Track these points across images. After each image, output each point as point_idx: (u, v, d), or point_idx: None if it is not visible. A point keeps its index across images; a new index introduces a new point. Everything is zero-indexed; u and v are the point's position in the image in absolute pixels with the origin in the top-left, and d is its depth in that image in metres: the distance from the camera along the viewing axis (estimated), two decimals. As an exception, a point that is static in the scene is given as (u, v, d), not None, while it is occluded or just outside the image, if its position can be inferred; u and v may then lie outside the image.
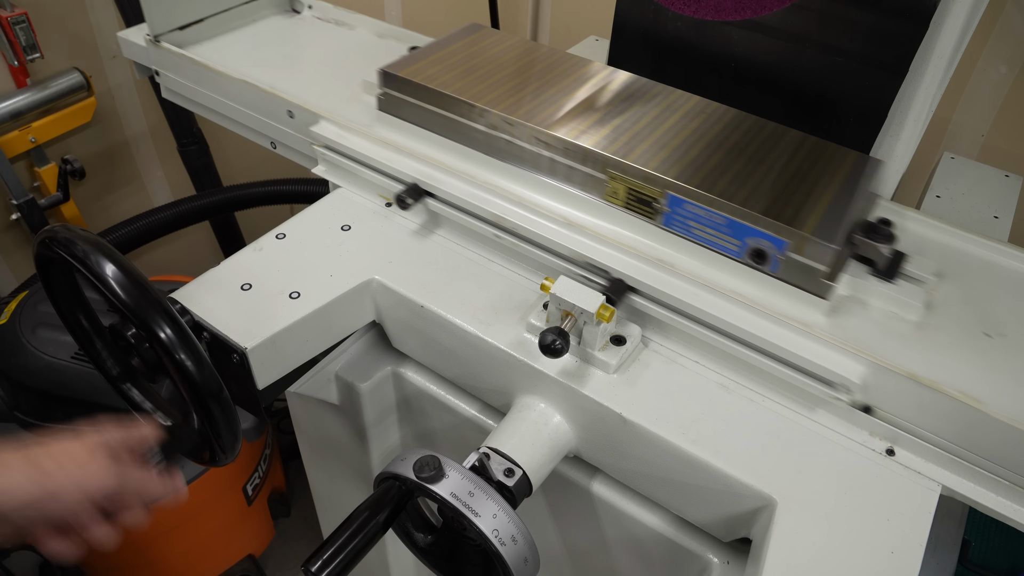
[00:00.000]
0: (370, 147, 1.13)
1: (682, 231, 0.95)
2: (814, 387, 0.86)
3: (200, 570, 2.03)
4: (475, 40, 1.20)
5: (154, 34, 1.39)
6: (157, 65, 1.44)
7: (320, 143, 1.18)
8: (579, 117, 1.03)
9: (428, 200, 1.08)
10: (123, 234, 2.12)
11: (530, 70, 1.13)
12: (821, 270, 0.87)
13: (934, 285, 0.96)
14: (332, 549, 0.75)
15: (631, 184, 0.95)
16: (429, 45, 1.20)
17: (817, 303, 0.89)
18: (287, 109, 1.24)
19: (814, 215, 0.89)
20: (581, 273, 0.98)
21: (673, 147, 0.98)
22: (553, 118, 1.02)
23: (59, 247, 0.81)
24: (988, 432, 0.79)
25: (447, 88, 1.07)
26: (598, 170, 0.98)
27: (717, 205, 0.90)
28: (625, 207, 0.98)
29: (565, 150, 0.99)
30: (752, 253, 0.91)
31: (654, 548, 0.99)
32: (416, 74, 1.10)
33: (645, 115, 1.05)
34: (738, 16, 1.00)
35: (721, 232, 0.92)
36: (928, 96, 1.04)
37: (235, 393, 0.94)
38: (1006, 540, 1.34)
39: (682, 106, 1.07)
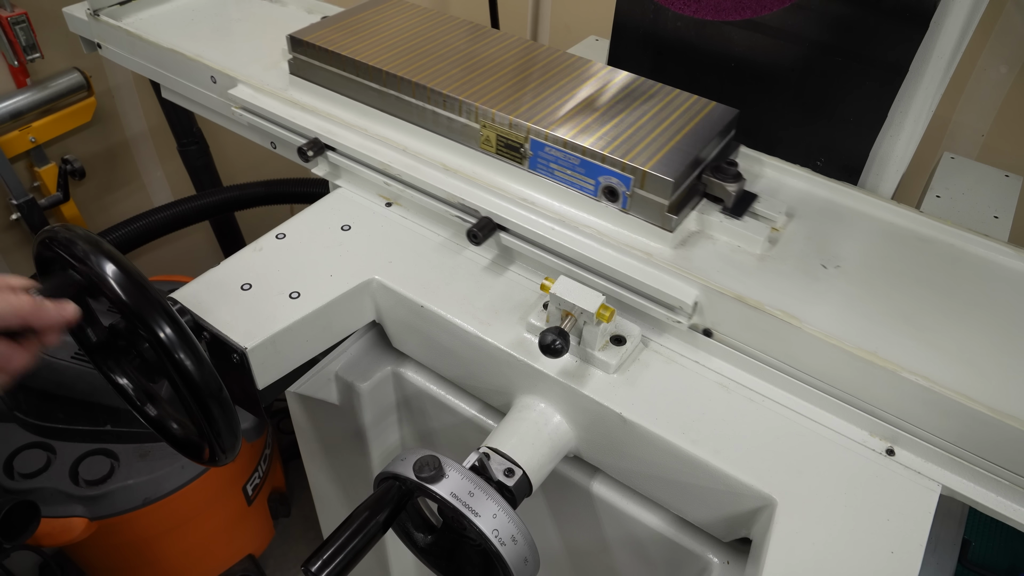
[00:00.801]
0: (279, 107, 1.23)
1: (545, 174, 1.03)
2: (656, 311, 0.94)
3: (200, 570, 2.03)
4: (380, 10, 1.30)
5: (94, 8, 1.49)
6: (99, 38, 1.54)
7: (238, 105, 1.28)
8: (459, 73, 1.12)
9: (329, 154, 1.18)
10: (123, 234, 2.12)
11: (423, 34, 1.23)
12: (663, 203, 0.94)
13: (782, 224, 1.03)
14: (332, 549, 0.75)
15: (500, 131, 1.04)
16: (337, 14, 1.31)
17: (664, 236, 0.96)
18: (210, 75, 1.34)
19: (659, 155, 0.96)
20: (457, 215, 1.07)
21: (542, 98, 1.07)
22: (437, 76, 1.11)
23: (59, 247, 0.81)
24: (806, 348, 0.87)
25: (346, 51, 1.16)
26: (472, 120, 1.06)
27: (571, 147, 0.98)
28: (496, 153, 1.07)
29: (444, 103, 1.08)
30: (605, 191, 0.99)
31: (654, 548, 0.99)
32: (320, 39, 1.20)
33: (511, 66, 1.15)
34: (738, 16, 1.00)
35: (577, 172, 1.00)
36: (928, 96, 1.04)
37: (235, 393, 0.94)
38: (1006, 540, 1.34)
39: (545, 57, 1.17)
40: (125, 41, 1.48)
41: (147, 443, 1.79)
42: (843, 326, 0.88)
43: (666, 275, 0.93)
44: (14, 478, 1.70)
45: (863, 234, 1.03)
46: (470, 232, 1.01)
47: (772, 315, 0.87)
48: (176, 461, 1.77)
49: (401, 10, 1.31)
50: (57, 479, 1.70)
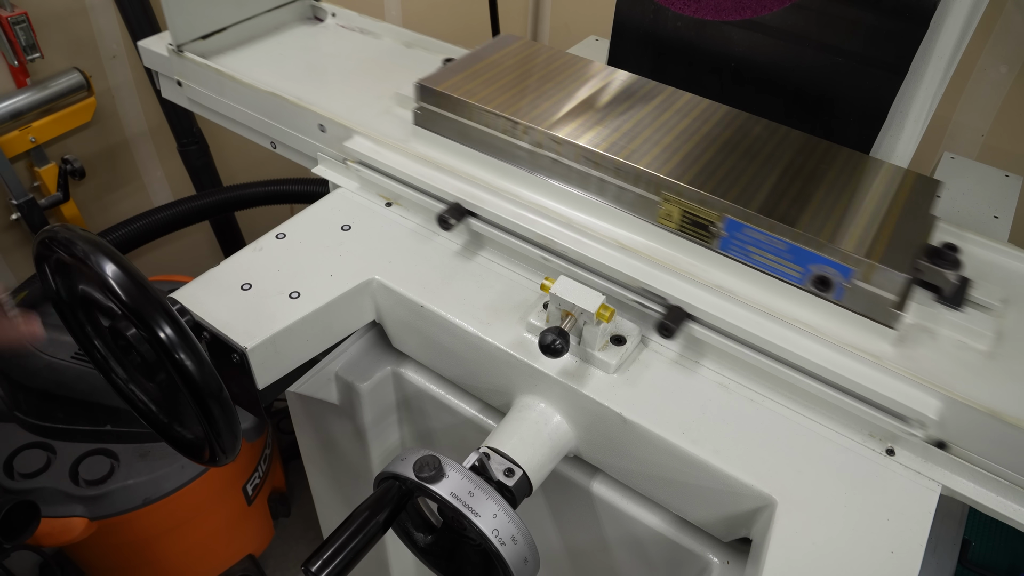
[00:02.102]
0: (408, 163, 1.10)
1: (740, 256, 0.91)
2: (886, 421, 0.83)
3: (200, 570, 2.03)
4: (512, 52, 1.17)
5: (177, 44, 1.35)
6: (179, 75, 1.41)
7: (354, 158, 1.15)
8: (628, 135, 0.99)
9: (471, 220, 1.04)
10: (123, 234, 2.12)
11: (572, 83, 1.10)
12: (889, 299, 0.84)
13: (1001, 312, 0.92)
14: (332, 549, 0.75)
15: (687, 207, 0.91)
16: (465, 57, 1.17)
17: (884, 332, 0.86)
18: (318, 123, 1.21)
19: (880, 241, 0.86)
20: (635, 299, 0.94)
21: (728, 167, 0.95)
22: (601, 135, 0.98)
23: (59, 247, 0.81)
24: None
25: (488, 103, 1.04)
26: (651, 191, 0.94)
27: (779, 230, 0.87)
28: (679, 230, 0.94)
29: (616, 170, 0.95)
30: (815, 280, 0.87)
31: (654, 548, 0.99)
32: (455, 88, 1.07)
33: (695, 132, 1.01)
34: (738, 16, 1.00)
35: (782, 258, 0.88)
36: (928, 96, 1.04)
37: (235, 393, 0.94)
38: (1006, 540, 1.34)
39: (732, 122, 1.04)
40: (213, 81, 1.34)
41: (147, 443, 1.78)
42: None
43: (897, 381, 0.83)
44: (14, 478, 1.70)
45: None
46: (662, 325, 0.89)
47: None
48: (176, 461, 1.77)
49: (534, 53, 1.17)
50: (57, 479, 1.70)
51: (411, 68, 1.26)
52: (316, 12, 1.57)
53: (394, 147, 1.12)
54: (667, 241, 0.97)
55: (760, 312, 0.89)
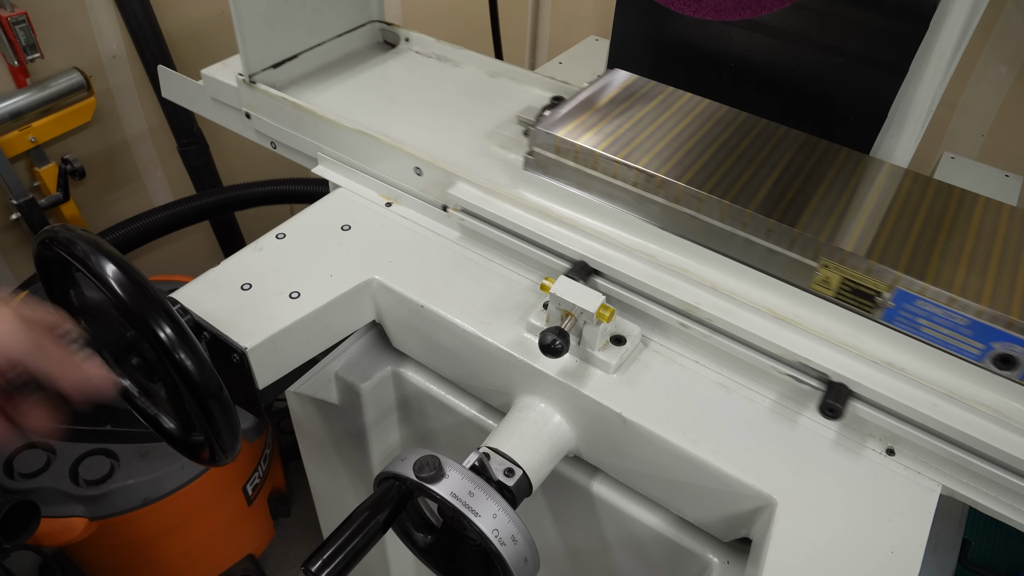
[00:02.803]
0: (522, 215, 1.00)
1: (908, 329, 0.83)
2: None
3: (200, 570, 2.03)
4: (628, 90, 1.06)
5: (249, 74, 1.25)
6: (249, 108, 1.30)
7: (457, 206, 1.06)
8: (775, 190, 0.90)
9: (597, 280, 0.96)
10: (123, 234, 2.12)
11: (705, 129, 1.00)
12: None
13: None
14: (332, 549, 0.75)
15: (849, 275, 0.83)
16: (578, 99, 1.05)
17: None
18: (414, 166, 1.10)
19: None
20: (789, 373, 0.86)
21: (890, 227, 0.86)
22: (746, 191, 0.89)
23: (59, 247, 0.81)
24: None
25: (616, 152, 0.93)
26: (808, 256, 0.85)
27: (959, 305, 0.79)
28: (835, 298, 0.86)
29: (767, 231, 0.86)
30: (997, 358, 0.80)
31: (654, 548, 0.99)
32: (575, 134, 0.97)
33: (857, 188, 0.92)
34: (738, 16, 1.00)
35: (960, 333, 0.80)
36: (928, 96, 1.04)
37: (235, 393, 0.94)
38: (1006, 540, 1.34)
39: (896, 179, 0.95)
40: (290, 115, 1.23)
41: (147, 443, 1.78)
42: None
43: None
44: (14, 478, 1.70)
45: None
46: (826, 405, 0.81)
47: None
48: (176, 461, 1.77)
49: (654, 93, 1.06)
50: (57, 479, 1.70)
51: (501, 102, 1.18)
52: (387, 36, 1.47)
53: (505, 196, 1.02)
54: (822, 310, 0.88)
55: (936, 392, 0.81)
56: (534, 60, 2.55)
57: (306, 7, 1.29)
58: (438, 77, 1.34)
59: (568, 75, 1.52)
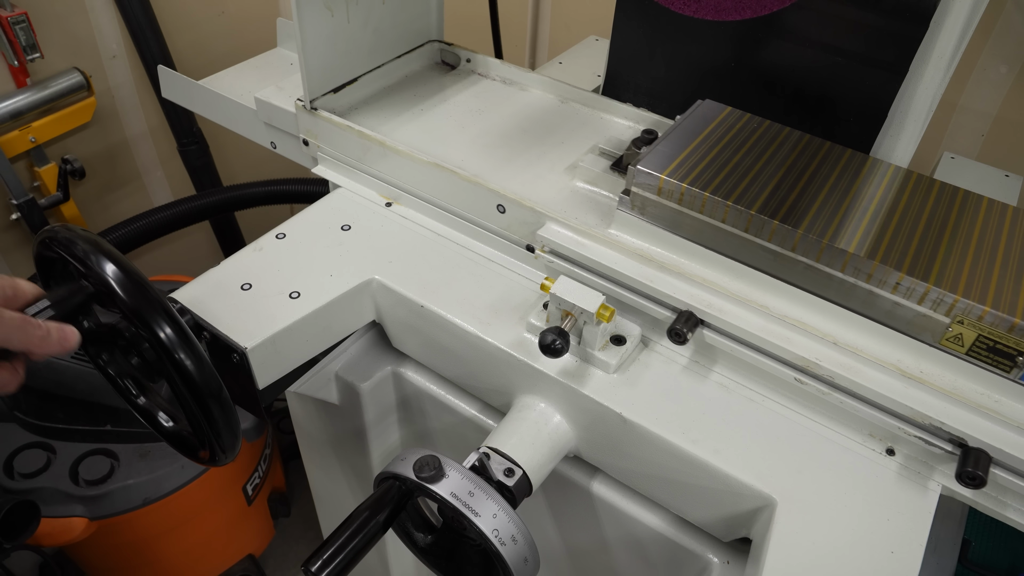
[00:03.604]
0: (623, 260, 0.95)
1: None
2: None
3: (200, 570, 2.03)
4: (725, 125, 1.00)
5: (310, 99, 1.18)
6: (309, 135, 1.22)
7: (547, 248, 1.00)
8: (903, 237, 0.84)
9: (704, 332, 0.91)
10: (123, 234, 2.12)
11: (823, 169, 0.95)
12: None
13: None
14: (332, 549, 0.75)
15: (986, 332, 0.77)
16: (673, 135, 0.99)
17: None
18: (497, 203, 1.03)
19: None
20: (922, 436, 0.81)
21: None
22: (868, 237, 0.84)
23: (59, 247, 0.81)
24: None
25: (727, 196, 0.88)
26: (940, 312, 0.79)
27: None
28: (967, 355, 0.80)
29: (896, 284, 0.80)
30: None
31: (654, 548, 0.99)
32: (680, 174, 0.91)
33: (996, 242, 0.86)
34: (738, 16, 1.00)
35: None
36: (928, 96, 1.04)
37: (235, 393, 0.94)
38: (1006, 540, 1.34)
39: None
40: (354, 145, 1.15)
41: (147, 443, 1.78)
42: None
43: None
44: (14, 478, 1.70)
45: None
46: (965, 474, 0.75)
47: None
48: (176, 461, 1.77)
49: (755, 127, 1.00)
50: (57, 479, 1.70)
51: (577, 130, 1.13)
52: (445, 56, 1.39)
53: (598, 238, 0.97)
54: (954, 368, 0.82)
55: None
56: (534, 60, 2.55)
57: (368, 27, 1.21)
58: (505, 102, 1.27)
59: (568, 75, 1.52)
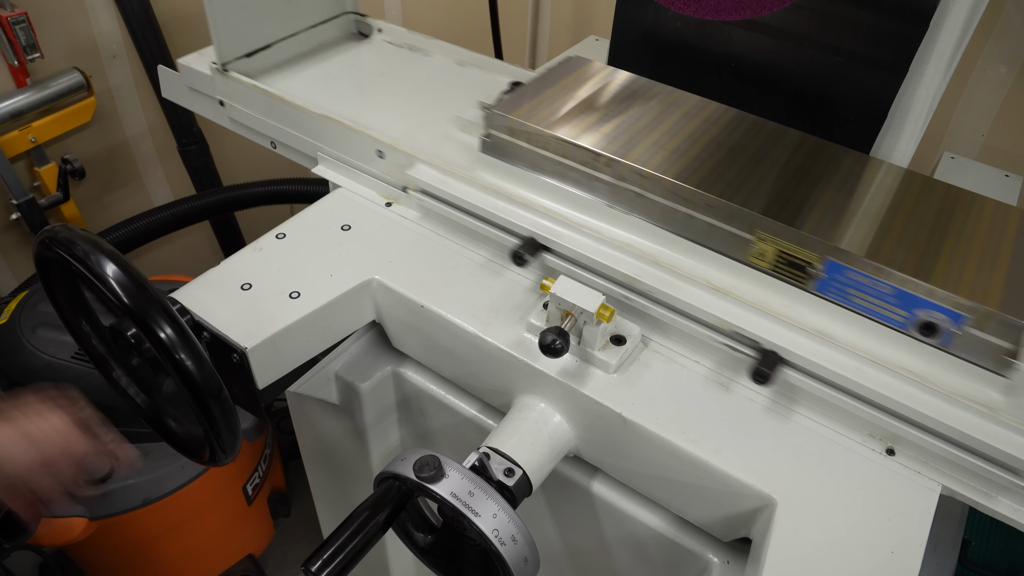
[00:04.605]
0: (476, 194, 1.04)
1: (839, 299, 0.87)
2: (996, 474, 0.80)
3: (200, 570, 2.03)
4: (582, 76, 1.10)
5: (222, 62, 1.28)
6: (223, 95, 1.34)
7: (416, 187, 1.10)
8: (715, 167, 0.94)
9: (546, 255, 1.00)
10: (123, 234, 2.12)
11: (651, 111, 1.04)
12: (1004, 347, 0.80)
13: None
14: (332, 549, 0.75)
15: (783, 247, 0.87)
16: (533, 82, 1.11)
17: (994, 381, 0.82)
18: (376, 149, 1.14)
19: (994, 285, 0.81)
20: (725, 342, 0.90)
21: (826, 205, 0.90)
22: (689, 169, 0.93)
23: (59, 247, 0.81)
24: None
25: (566, 133, 0.98)
26: (744, 229, 0.89)
27: (885, 274, 0.83)
28: (771, 270, 0.90)
29: (707, 206, 0.90)
30: (921, 326, 0.83)
31: (654, 548, 0.99)
32: (528, 116, 1.01)
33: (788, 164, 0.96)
34: (738, 16, 1.00)
35: (886, 302, 0.84)
36: (928, 96, 1.04)
37: (235, 393, 0.94)
38: (1006, 540, 1.34)
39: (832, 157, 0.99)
40: (260, 102, 1.27)
41: (147, 443, 1.78)
42: None
43: (1009, 432, 0.79)
44: (14, 478, 1.70)
45: None
46: (757, 371, 0.85)
47: None
48: (176, 461, 1.77)
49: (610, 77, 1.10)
50: (57, 479, 1.70)
51: (467, 89, 1.19)
52: (361, 27, 1.50)
53: (461, 176, 1.06)
54: (758, 282, 0.92)
55: (861, 358, 0.84)
56: (534, 60, 2.55)
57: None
58: (408, 66, 1.37)
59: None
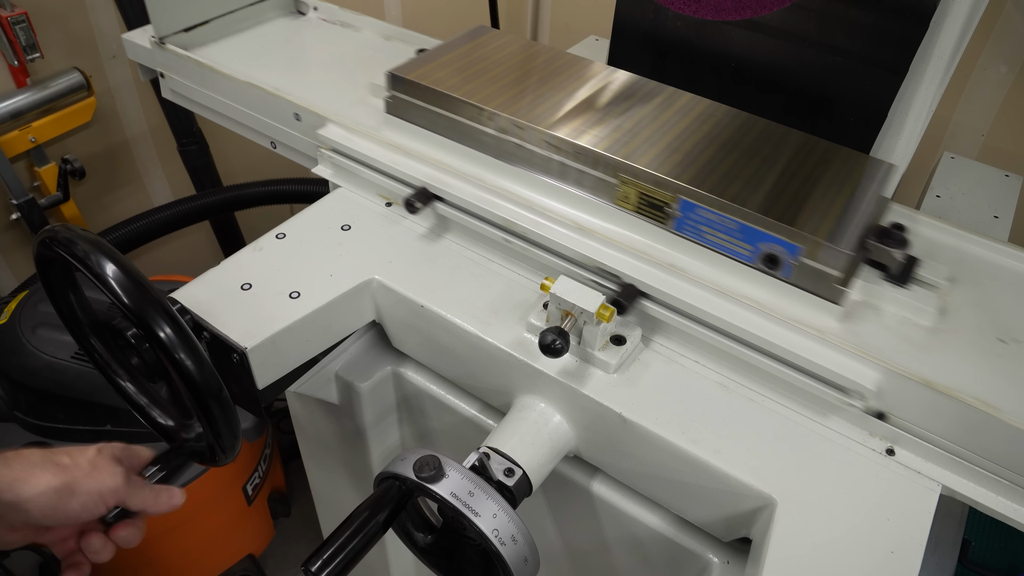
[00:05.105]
0: (377, 150, 1.13)
1: (694, 236, 0.95)
2: (827, 393, 0.86)
3: (200, 570, 2.03)
4: (482, 43, 1.20)
5: (159, 36, 1.38)
6: (162, 67, 1.44)
7: (327, 146, 1.18)
8: (589, 120, 1.03)
9: (436, 204, 1.08)
10: (123, 234, 2.12)
11: (537, 72, 1.13)
12: (834, 275, 0.87)
13: (947, 290, 0.95)
14: (332, 549, 0.75)
15: (643, 188, 0.95)
16: (436, 48, 1.20)
17: (830, 309, 0.89)
18: (293, 112, 1.24)
19: (827, 220, 0.89)
20: (592, 278, 0.97)
21: (685, 150, 0.98)
22: (564, 122, 1.02)
23: (59, 247, 0.81)
24: (1001, 438, 0.78)
25: (456, 91, 1.07)
26: (609, 174, 0.97)
27: (730, 210, 0.90)
28: (636, 211, 0.98)
29: (576, 154, 0.99)
30: (765, 258, 0.90)
31: (654, 548, 0.99)
32: (424, 77, 1.10)
33: (655, 118, 1.04)
34: (738, 16, 1.00)
35: (733, 237, 0.91)
36: (928, 96, 1.04)
37: (235, 393, 0.94)
38: (1006, 540, 1.34)
39: (692, 109, 1.07)
40: (194, 72, 1.37)
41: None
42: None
43: (839, 355, 0.85)
44: (14, 478, 1.69)
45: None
46: (615, 302, 0.91)
47: (966, 403, 0.80)
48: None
49: (504, 44, 1.20)
50: (57, 479, 1.70)
51: (389, 60, 1.24)
52: (298, 6, 1.59)
53: (365, 134, 1.16)
54: (624, 222, 0.99)
55: (709, 289, 0.92)
56: (534, 60, 2.55)
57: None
58: (338, 41, 1.46)
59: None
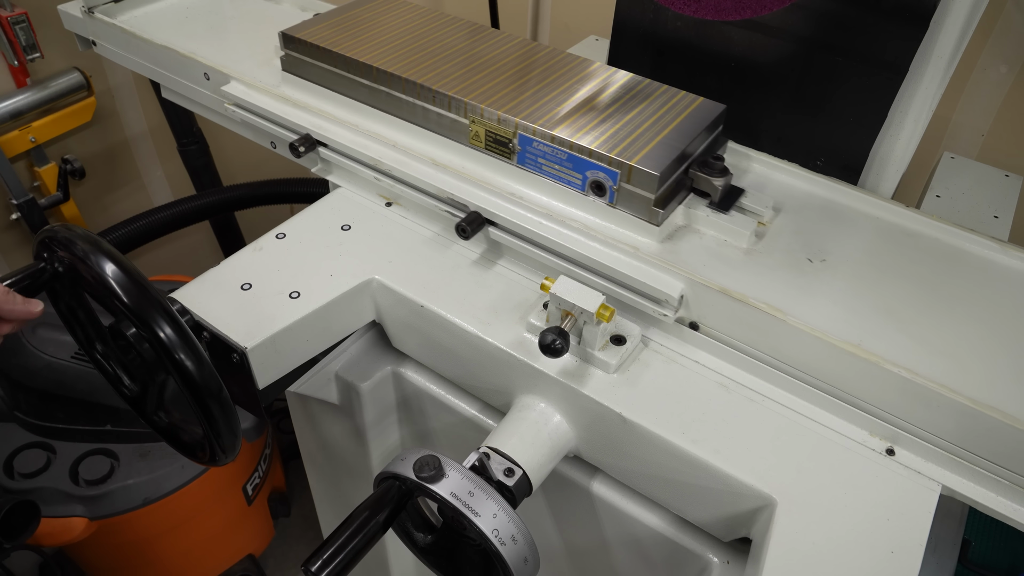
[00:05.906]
0: (272, 103, 1.25)
1: (534, 168, 1.04)
2: (644, 304, 0.94)
3: (200, 570, 2.03)
4: (373, 7, 1.32)
5: (88, 6, 1.50)
6: (93, 35, 1.55)
7: (230, 101, 1.30)
8: (453, 71, 1.13)
9: (321, 149, 1.19)
10: (123, 234, 2.12)
11: (419, 33, 1.24)
12: (649, 197, 0.96)
13: (769, 218, 1.04)
14: (332, 549, 0.75)
15: (489, 127, 1.05)
16: (329, 11, 1.31)
17: (650, 230, 0.98)
18: (203, 72, 1.35)
19: (645, 150, 0.97)
20: (445, 209, 1.07)
21: (535, 96, 1.08)
22: (428, 72, 1.12)
23: (59, 246, 0.81)
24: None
25: (338, 48, 1.17)
26: (462, 115, 1.08)
27: (558, 142, 1.00)
28: (485, 149, 1.08)
29: (434, 99, 1.09)
30: (593, 185, 1.00)
31: (654, 548, 0.99)
32: (312, 36, 1.20)
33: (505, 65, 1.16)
34: (738, 16, 1.00)
35: (565, 167, 1.01)
36: (928, 96, 1.04)
37: (235, 393, 0.94)
38: (1006, 540, 1.34)
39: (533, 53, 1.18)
40: (120, 38, 1.48)
41: (147, 443, 1.78)
42: (827, 319, 0.89)
43: (652, 268, 0.94)
44: (14, 478, 1.70)
45: (849, 229, 1.04)
46: (459, 227, 1.02)
47: (756, 308, 0.88)
48: (176, 461, 1.77)
49: (395, 7, 1.31)
50: (57, 479, 1.70)
51: None
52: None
53: (263, 90, 1.27)
54: (475, 159, 1.10)
55: (544, 215, 1.02)
56: (534, 60, 2.55)
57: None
58: (257, 12, 1.58)
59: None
